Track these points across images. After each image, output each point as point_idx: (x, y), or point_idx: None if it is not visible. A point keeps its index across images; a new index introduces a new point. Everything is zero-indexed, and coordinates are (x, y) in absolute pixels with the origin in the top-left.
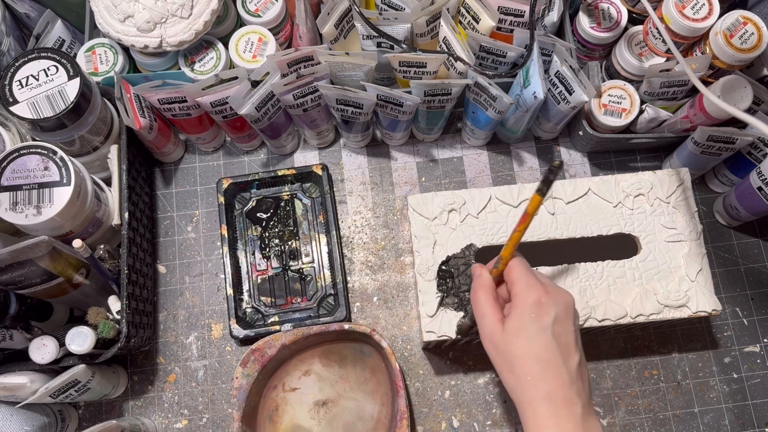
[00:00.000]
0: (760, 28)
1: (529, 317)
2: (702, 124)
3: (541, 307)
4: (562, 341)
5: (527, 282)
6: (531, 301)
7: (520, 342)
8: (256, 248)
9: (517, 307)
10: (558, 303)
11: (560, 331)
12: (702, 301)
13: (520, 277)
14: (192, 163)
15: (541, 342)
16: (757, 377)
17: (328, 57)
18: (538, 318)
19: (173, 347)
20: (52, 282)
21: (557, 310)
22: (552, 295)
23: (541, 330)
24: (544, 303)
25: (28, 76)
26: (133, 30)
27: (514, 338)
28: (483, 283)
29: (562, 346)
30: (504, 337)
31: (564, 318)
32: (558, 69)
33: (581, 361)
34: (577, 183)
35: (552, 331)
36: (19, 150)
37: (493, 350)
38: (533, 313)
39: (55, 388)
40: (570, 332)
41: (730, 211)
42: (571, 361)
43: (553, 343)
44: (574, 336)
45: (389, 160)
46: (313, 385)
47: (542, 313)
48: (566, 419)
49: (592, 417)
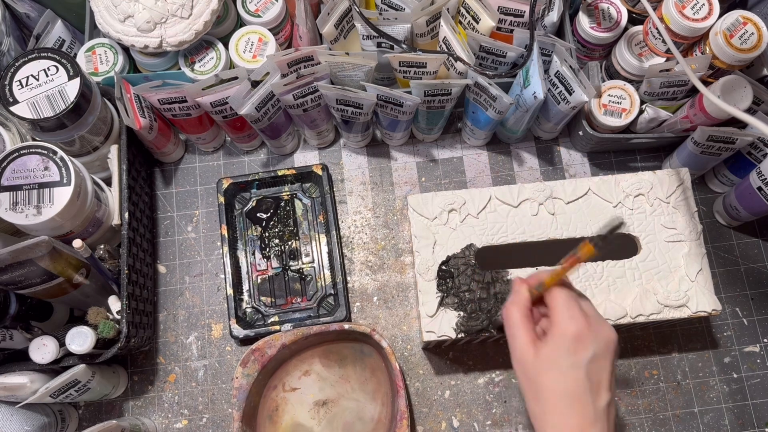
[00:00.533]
0: (760, 28)
1: (566, 350)
2: (702, 124)
3: (580, 342)
4: (595, 379)
5: (570, 312)
6: (570, 333)
7: (551, 374)
8: (256, 248)
9: (555, 337)
10: (599, 339)
11: (595, 369)
12: (702, 301)
13: (563, 305)
14: (192, 163)
15: (573, 378)
16: (757, 377)
17: (328, 57)
18: (574, 352)
19: (173, 347)
20: (52, 282)
21: (596, 347)
22: (594, 331)
23: (575, 366)
24: (584, 338)
25: (28, 76)
26: (133, 30)
27: (546, 368)
28: (519, 299)
29: (593, 384)
30: (536, 363)
31: (602, 356)
32: (558, 69)
33: (611, 401)
34: (577, 183)
35: (587, 368)
36: (19, 150)
37: (522, 373)
38: (571, 347)
39: (55, 388)
40: (605, 371)
41: (730, 211)
42: (600, 400)
43: (585, 381)
44: (608, 375)
45: (389, 160)
46: (313, 385)
47: (580, 348)
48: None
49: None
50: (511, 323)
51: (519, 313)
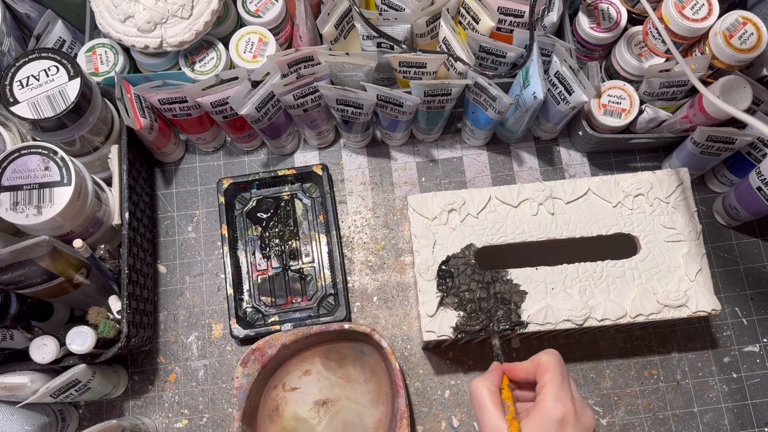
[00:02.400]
0: (760, 29)
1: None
2: (701, 124)
3: (564, 427)
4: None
5: (558, 393)
6: (556, 416)
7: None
8: (257, 248)
9: (540, 419)
10: (581, 425)
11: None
12: (701, 301)
13: (552, 385)
14: (192, 163)
15: None
16: (757, 377)
17: (328, 57)
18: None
19: (173, 347)
20: (52, 282)
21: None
22: (578, 416)
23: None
24: (568, 422)
25: (28, 77)
26: (133, 30)
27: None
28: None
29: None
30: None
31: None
32: (558, 69)
33: None
34: (576, 183)
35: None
36: (20, 150)
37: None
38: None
39: (56, 388)
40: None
41: (730, 211)
42: None
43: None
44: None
45: (389, 160)
46: (313, 385)
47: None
48: None
49: None
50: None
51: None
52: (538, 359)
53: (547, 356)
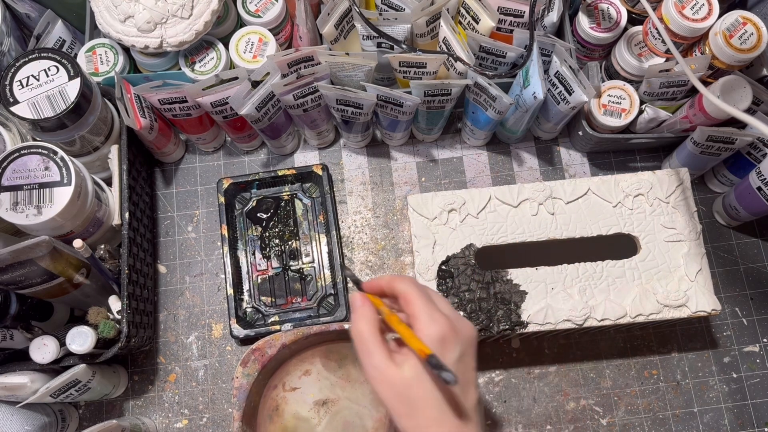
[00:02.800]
0: (760, 29)
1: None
2: (701, 124)
3: (446, 345)
4: (464, 379)
5: (430, 315)
6: (435, 335)
7: (423, 385)
8: (257, 248)
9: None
10: (461, 337)
11: (463, 369)
12: (701, 301)
13: (422, 310)
14: (192, 163)
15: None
16: (757, 377)
17: (328, 57)
18: (441, 356)
19: (173, 347)
20: (52, 282)
21: (462, 347)
22: (456, 330)
23: None
24: (449, 339)
25: (28, 77)
26: (133, 30)
27: (416, 381)
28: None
29: (462, 384)
30: (403, 378)
31: (467, 354)
32: (558, 69)
33: (478, 398)
34: (576, 183)
35: (455, 370)
36: (20, 150)
37: (388, 391)
38: (437, 351)
39: (56, 388)
40: (471, 369)
41: (730, 211)
42: (470, 398)
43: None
44: (473, 372)
45: (389, 160)
46: (313, 385)
47: (446, 351)
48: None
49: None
50: (363, 340)
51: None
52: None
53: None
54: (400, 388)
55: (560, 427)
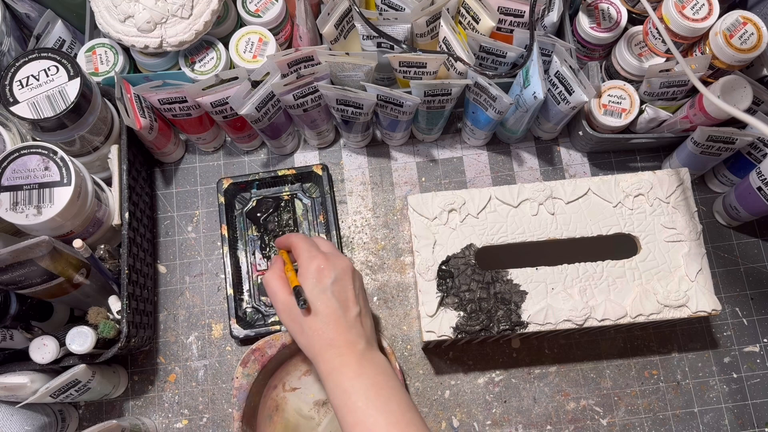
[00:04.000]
0: (760, 28)
1: (312, 282)
2: (702, 124)
3: (321, 272)
4: (341, 297)
5: (309, 254)
6: (313, 268)
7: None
8: (257, 248)
9: (302, 276)
10: (336, 267)
11: (339, 289)
12: (702, 301)
13: (303, 251)
14: (192, 163)
15: (323, 300)
16: (757, 377)
17: (328, 57)
18: (318, 281)
19: (173, 347)
20: (52, 282)
21: (336, 273)
22: (331, 261)
23: (321, 291)
24: (324, 268)
25: (28, 76)
26: (133, 30)
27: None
28: (273, 267)
29: (341, 302)
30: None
31: (342, 279)
32: (558, 69)
33: (362, 312)
34: (576, 183)
35: (331, 290)
36: (20, 150)
37: (288, 318)
38: (315, 278)
39: (56, 388)
40: (349, 290)
41: (730, 211)
42: (350, 312)
43: (333, 300)
44: (353, 293)
45: (389, 160)
46: (313, 385)
47: (322, 277)
48: (349, 356)
49: (374, 352)
50: (271, 286)
51: (275, 276)
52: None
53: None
54: (294, 313)
55: (560, 427)
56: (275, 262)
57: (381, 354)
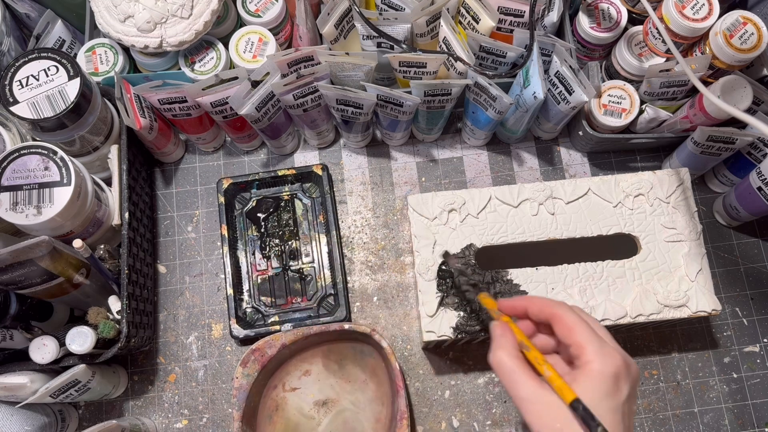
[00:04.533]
0: (760, 28)
1: (605, 393)
2: (702, 124)
3: (619, 382)
4: (627, 422)
5: (601, 349)
6: (609, 373)
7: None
8: (256, 248)
9: (591, 378)
10: (631, 377)
11: (628, 410)
12: (702, 301)
13: (591, 341)
14: (192, 163)
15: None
16: (757, 377)
17: (328, 57)
18: (614, 395)
19: (173, 347)
20: (52, 282)
21: (630, 386)
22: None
23: (613, 410)
24: (622, 377)
25: (28, 76)
26: (133, 30)
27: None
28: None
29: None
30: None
31: (633, 394)
32: (558, 69)
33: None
34: (577, 183)
35: (623, 410)
36: (20, 150)
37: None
38: (611, 389)
39: (56, 388)
40: (634, 410)
41: (730, 211)
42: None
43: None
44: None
45: (389, 160)
46: (313, 385)
47: (618, 390)
48: None
49: None
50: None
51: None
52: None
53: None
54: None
55: None
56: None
57: None
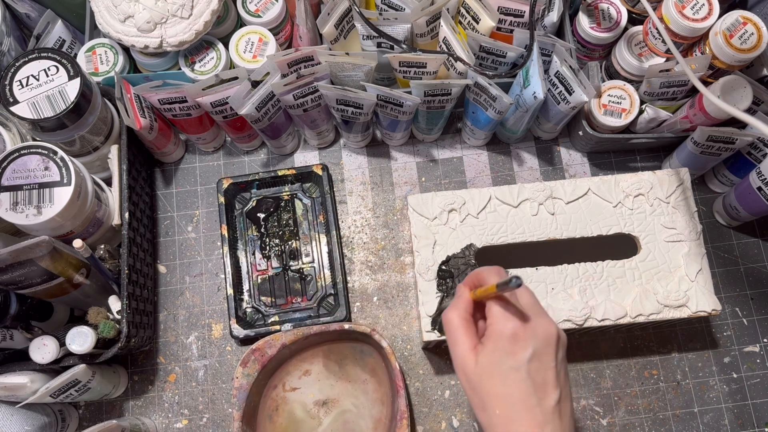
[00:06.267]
0: (760, 28)
1: (504, 352)
2: (702, 124)
3: (518, 342)
4: (539, 379)
5: (505, 311)
6: (507, 333)
7: (492, 380)
8: (257, 248)
9: (492, 340)
10: (537, 336)
11: (537, 368)
12: (702, 301)
13: (496, 304)
14: (192, 163)
15: (515, 381)
16: (757, 377)
17: (328, 57)
18: (512, 354)
19: (173, 347)
20: (52, 282)
21: (536, 345)
22: (531, 328)
23: (515, 368)
24: (521, 337)
25: (28, 76)
26: (133, 30)
27: (487, 375)
28: (460, 303)
29: (537, 385)
30: (476, 371)
31: (543, 353)
32: (558, 69)
33: (561, 397)
34: (577, 183)
35: (527, 369)
36: (20, 150)
37: (466, 383)
38: (508, 348)
39: (56, 388)
40: (550, 368)
41: (730, 211)
42: (547, 400)
43: (528, 382)
44: (554, 372)
45: (389, 160)
46: (313, 385)
47: (518, 349)
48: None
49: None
50: (451, 329)
51: (459, 318)
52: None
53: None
54: (475, 381)
55: None
56: (461, 296)
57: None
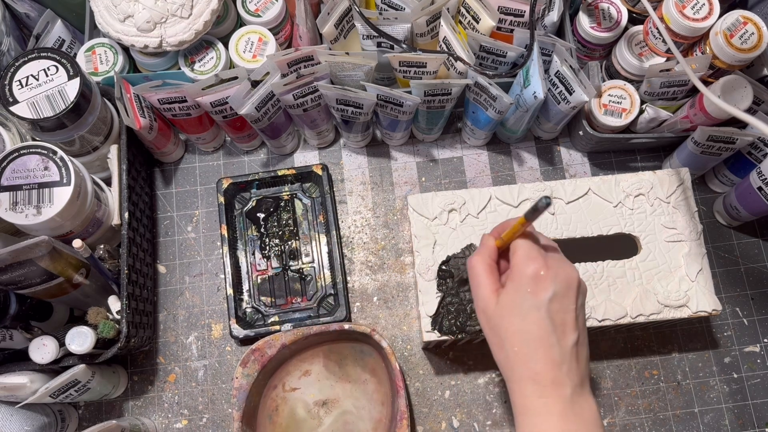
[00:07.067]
0: (760, 28)
1: (525, 292)
2: (702, 124)
3: (539, 283)
4: (558, 320)
5: (528, 253)
6: (529, 274)
7: (512, 318)
8: (256, 248)
9: (514, 280)
10: (558, 279)
11: (557, 309)
12: (702, 301)
13: (522, 246)
14: (192, 163)
15: (534, 319)
16: (757, 377)
17: (328, 57)
18: (534, 294)
19: (173, 347)
20: (52, 282)
21: (556, 287)
22: (553, 270)
23: (535, 307)
24: (543, 278)
25: (28, 76)
26: (133, 30)
27: (507, 313)
28: (484, 250)
29: (557, 325)
30: (497, 310)
31: (563, 295)
32: (558, 69)
33: (579, 341)
34: (577, 183)
35: (548, 308)
36: (19, 150)
37: (486, 322)
38: (530, 288)
39: (55, 388)
40: (570, 310)
41: (730, 211)
42: (565, 340)
43: (547, 322)
44: (574, 314)
45: (389, 160)
46: (313, 385)
47: (539, 289)
48: (554, 401)
49: (584, 398)
50: (475, 273)
51: (483, 263)
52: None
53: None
54: (495, 320)
55: None
56: (485, 243)
57: (592, 400)
